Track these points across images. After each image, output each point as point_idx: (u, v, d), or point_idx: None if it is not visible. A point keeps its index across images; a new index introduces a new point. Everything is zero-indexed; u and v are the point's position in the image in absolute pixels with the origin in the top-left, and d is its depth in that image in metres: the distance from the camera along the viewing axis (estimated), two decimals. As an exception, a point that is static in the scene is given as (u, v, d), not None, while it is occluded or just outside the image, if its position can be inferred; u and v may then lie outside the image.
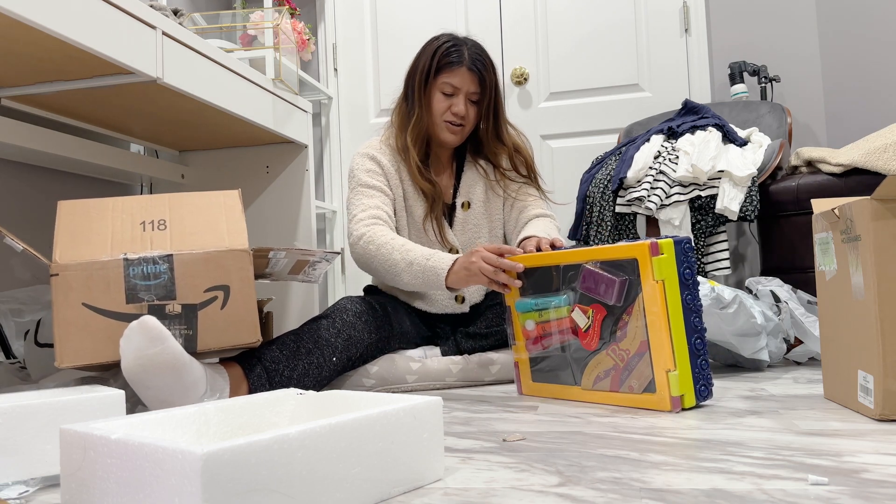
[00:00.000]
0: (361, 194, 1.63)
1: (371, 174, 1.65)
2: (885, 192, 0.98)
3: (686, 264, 1.18)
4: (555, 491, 0.74)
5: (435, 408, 0.80)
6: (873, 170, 1.86)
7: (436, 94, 1.63)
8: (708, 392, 1.18)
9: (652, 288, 1.16)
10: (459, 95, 1.62)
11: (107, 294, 1.16)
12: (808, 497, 0.69)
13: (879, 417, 1.00)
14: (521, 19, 2.86)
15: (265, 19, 2.33)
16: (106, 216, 1.24)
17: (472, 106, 1.64)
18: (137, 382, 1.11)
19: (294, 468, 0.63)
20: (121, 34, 1.43)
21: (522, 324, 1.39)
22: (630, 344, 1.20)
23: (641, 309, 1.18)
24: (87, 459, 0.66)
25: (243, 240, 1.25)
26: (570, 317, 1.29)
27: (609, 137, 2.73)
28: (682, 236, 1.20)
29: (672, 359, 1.15)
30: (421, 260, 1.44)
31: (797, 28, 2.62)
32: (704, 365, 1.18)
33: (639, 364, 1.19)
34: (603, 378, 1.25)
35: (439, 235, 1.66)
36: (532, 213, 1.70)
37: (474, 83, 1.62)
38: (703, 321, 1.20)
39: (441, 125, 1.64)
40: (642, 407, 1.19)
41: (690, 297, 1.18)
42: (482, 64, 1.62)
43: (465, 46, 1.63)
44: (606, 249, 1.23)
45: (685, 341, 1.16)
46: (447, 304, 1.67)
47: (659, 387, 1.16)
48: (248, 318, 1.22)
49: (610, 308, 1.23)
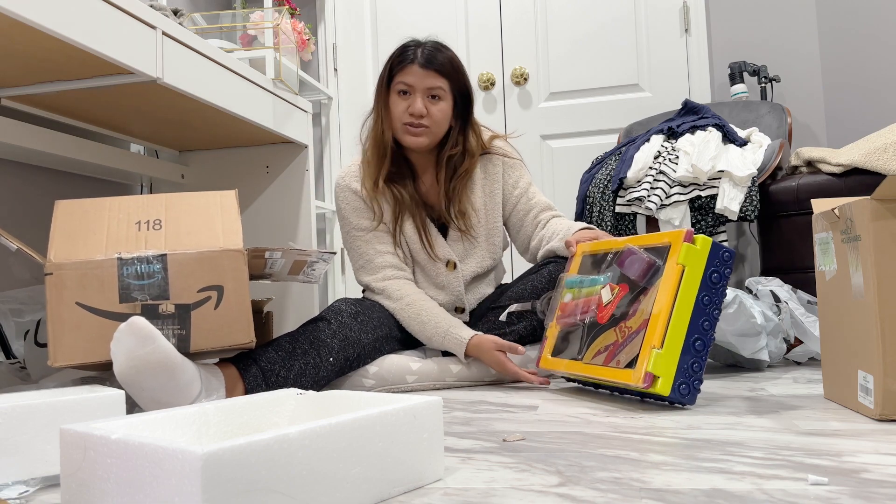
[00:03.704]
0: (358, 239, 1.65)
1: (358, 213, 1.65)
2: (885, 192, 0.98)
3: (715, 270, 1.17)
4: (555, 491, 0.74)
5: (435, 408, 0.80)
6: (873, 170, 1.86)
7: (392, 97, 1.61)
8: (689, 393, 1.14)
9: (671, 269, 1.16)
10: (415, 93, 1.58)
11: (100, 293, 1.16)
12: (808, 497, 0.69)
13: (879, 417, 1.00)
14: (521, 19, 2.86)
15: (265, 19, 2.33)
16: (102, 216, 1.24)
17: (435, 102, 1.60)
18: (132, 384, 1.10)
19: (294, 468, 0.63)
20: (121, 34, 1.43)
21: (562, 297, 1.41)
22: (635, 322, 1.20)
23: (657, 291, 1.18)
24: (87, 459, 0.66)
25: (238, 240, 1.24)
26: (599, 294, 1.30)
27: (609, 137, 2.73)
28: (728, 247, 1.19)
29: (661, 339, 1.13)
30: (437, 338, 1.55)
31: (797, 28, 2.62)
32: (696, 368, 1.15)
33: (633, 340, 1.18)
34: (602, 353, 1.25)
35: (430, 251, 1.65)
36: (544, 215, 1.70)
37: (430, 77, 1.58)
38: (714, 335, 1.17)
39: (400, 128, 1.61)
40: (619, 380, 1.17)
41: (708, 300, 1.16)
42: (436, 58, 1.58)
43: (420, 47, 1.60)
44: (648, 236, 1.28)
45: (683, 334, 1.14)
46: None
47: (639, 362, 1.14)
48: (242, 318, 1.22)
49: (632, 286, 1.23)
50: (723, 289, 1.18)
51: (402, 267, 1.65)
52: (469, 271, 1.69)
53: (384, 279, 1.63)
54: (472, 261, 1.69)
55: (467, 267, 1.68)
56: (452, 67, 1.60)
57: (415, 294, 1.60)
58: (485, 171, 1.71)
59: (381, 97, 1.63)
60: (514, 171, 1.73)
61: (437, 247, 1.66)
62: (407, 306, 1.58)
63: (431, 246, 1.65)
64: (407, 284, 1.63)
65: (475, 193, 1.69)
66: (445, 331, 1.53)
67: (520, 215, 1.71)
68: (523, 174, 1.74)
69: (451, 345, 1.52)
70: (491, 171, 1.71)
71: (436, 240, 1.66)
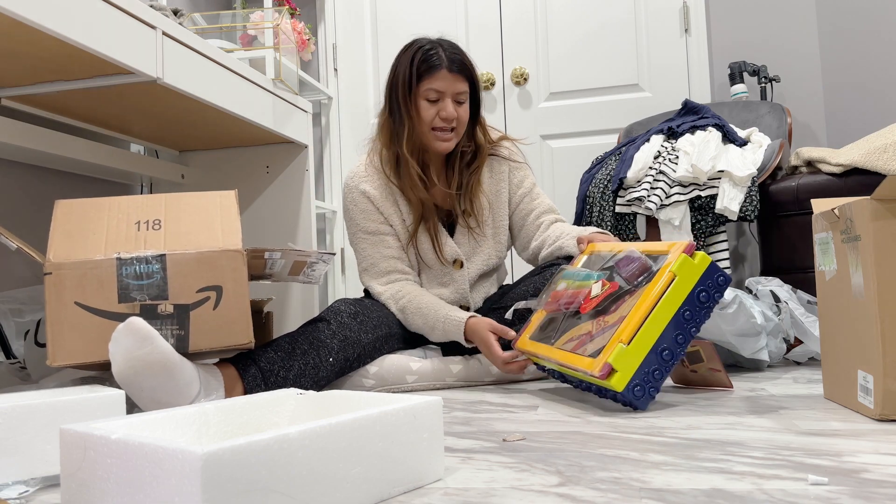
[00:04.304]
0: (365, 241, 1.66)
1: (366, 216, 1.65)
2: (885, 192, 0.98)
3: (705, 290, 1.16)
4: (555, 491, 0.74)
5: (435, 408, 0.80)
6: (873, 170, 1.86)
7: (421, 102, 1.59)
8: (642, 397, 1.13)
9: (661, 274, 1.16)
10: (445, 99, 1.58)
11: (99, 293, 1.16)
12: (808, 497, 0.69)
13: (879, 417, 1.00)
14: (521, 19, 2.86)
15: (265, 19, 2.33)
16: (102, 216, 1.24)
17: (461, 106, 1.61)
18: (130, 385, 1.10)
19: (294, 468, 0.63)
20: (121, 34, 1.43)
21: (556, 285, 1.41)
22: (612, 318, 1.20)
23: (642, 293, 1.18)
24: (87, 459, 0.66)
25: (237, 240, 1.24)
26: (590, 287, 1.30)
27: (609, 137, 2.73)
28: (725, 273, 1.19)
29: (630, 337, 1.12)
30: (438, 324, 1.55)
31: (797, 28, 2.62)
32: (657, 375, 1.14)
33: (605, 334, 1.18)
34: (574, 340, 1.25)
35: (440, 253, 1.65)
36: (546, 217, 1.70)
37: (459, 83, 1.59)
38: (684, 352, 1.17)
39: (430, 134, 1.60)
40: (579, 366, 1.17)
41: (690, 315, 1.15)
42: (462, 62, 1.59)
43: (440, 48, 1.59)
44: (652, 244, 1.29)
45: (654, 338, 1.13)
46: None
47: (603, 352, 1.14)
48: (241, 319, 1.21)
49: (622, 286, 1.23)
50: (708, 310, 1.17)
51: (406, 271, 1.66)
52: (475, 269, 1.69)
53: (389, 283, 1.64)
54: (478, 259, 1.70)
55: (473, 265, 1.69)
56: (473, 69, 1.62)
57: (416, 290, 1.61)
58: (491, 171, 1.72)
59: (406, 103, 1.60)
60: (519, 171, 1.74)
61: (445, 247, 1.66)
62: (409, 303, 1.59)
63: (441, 248, 1.66)
64: (409, 285, 1.63)
65: (482, 193, 1.70)
66: (445, 315, 1.53)
67: (522, 215, 1.72)
68: (528, 174, 1.75)
69: (450, 328, 1.52)
70: (497, 170, 1.72)
71: (445, 241, 1.67)
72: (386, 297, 1.62)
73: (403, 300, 1.60)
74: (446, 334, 1.54)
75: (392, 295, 1.61)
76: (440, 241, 1.66)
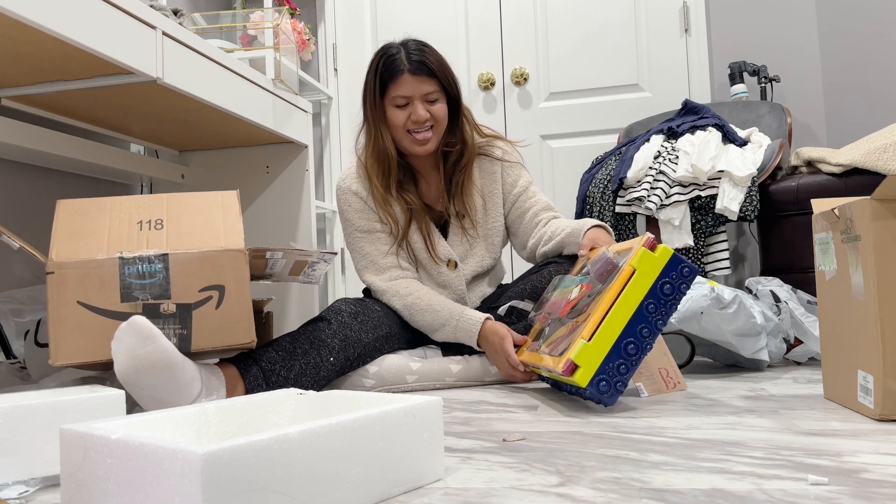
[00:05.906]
0: (361, 240, 1.66)
1: (360, 214, 1.65)
2: (885, 192, 0.98)
3: (669, 281, 1.15)
4: (555, 491, 0.74)
5: (435, 408, 0.80)
6: (873, 170, 1.86)
7: (389, 109, 1.59)
8: (608, 392, 1.11)
9: (623, 270, 1.17)
10: (414, 102, 1.58)
11: (102, 293, 1.16)
12: (808, 497, 0.69)
13: (879, 417, 1.00)
14: (521, 19, 2.86)
15: (265, 19, 2.33)
16: (104, 215, 1.24)
17: (434, 104, 1.60)
18: (132, 384, 1.11)
19: (294, 468, 0.63)
20: (121, 34, 1.43)
21: (550, 295, 1.43)
22: (582, 317, 1.21)
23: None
24: (87, 459, 0.66)
25: (239, 240, 1.24)
26: (571, 291, 1.32)
27: (609, 137, 2.73)
28: (690, 264, 1.18)
29: (592, 333, 1.12)
30: (451, 321, 1.54)
31: (797, 28, 2.62)
32: (623, 370, 1.12)
33: (574, 333, 1.19)
34: (552, 344, 1.27)
35: (433, 252, 1.66)
36: (544, 215, 1.69)
37: (424, 84, 1.57)
38: (652, 344, 1.15)
39: (406, 138, 1.60)
40: (548, 366, 1.19)
41: (654, 308, 1.14)
42: (423, 63, 1.57)
43: (401, 52, 1.58)
44: (625, 243, 1.30)
45: (617, 333, 1.12)
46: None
47: (568, 350, 1.14)
48: (243, 318, 1.22)
49: (594, 286, 1.24)
50: (674, 302, 1.15)
51: (406, 267, 1.66)
52: (470, 270, 1.69)
53: (391, 279, 1.64)
54: (472, 260, 1.70)
55: (468, 266, 1.69)
56: (440, 66, 1.59)
57: (424, 288, 1.62)
58: (483, 172, 1.71)
59: (375, 111, 1.61)
60: (512, 171, 1.73)
61: (438, 247, 1.66)
62: (418, 299, 1.58)
63: (434, 247, 1.66)
64: (415, 282, 1.64)
65: (474, 194, 1.70)
66: (460, 313, 1.53)
67: (518, 214, 1.72)
68: (522, 173, 1.74)
69: (464, 327, 1.52)
70: (489, 170, 1.72)
71: (438, 241, 1.67)
72: (390, 293, 1.62)
73: (411, 297, 1.59)
74: (455, 334, 1.54)
75: (397, 291, 1.61)
76: (433, 240, 1.66)
